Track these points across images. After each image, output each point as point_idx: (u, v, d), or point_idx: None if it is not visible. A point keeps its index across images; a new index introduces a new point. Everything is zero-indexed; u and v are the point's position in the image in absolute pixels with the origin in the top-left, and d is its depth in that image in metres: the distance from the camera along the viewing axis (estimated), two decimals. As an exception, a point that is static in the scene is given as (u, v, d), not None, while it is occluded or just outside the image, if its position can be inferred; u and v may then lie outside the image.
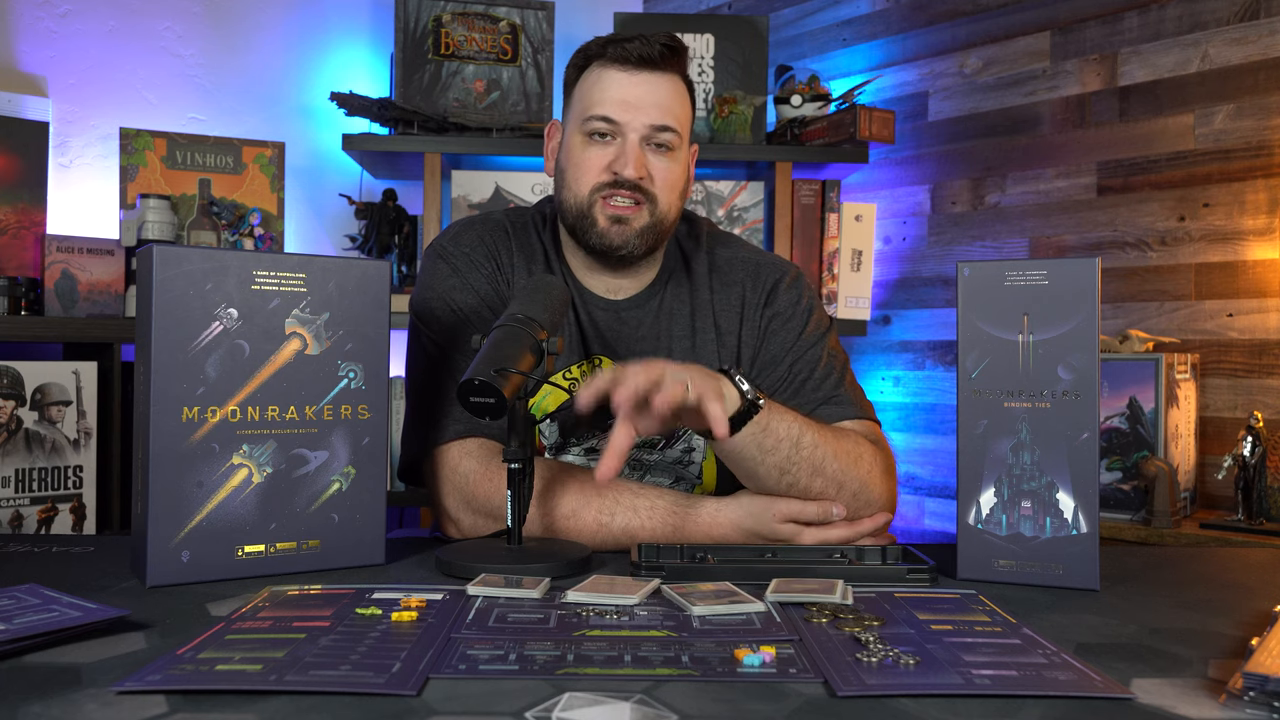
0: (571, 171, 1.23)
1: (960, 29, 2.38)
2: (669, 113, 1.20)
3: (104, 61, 2.24)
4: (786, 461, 1.05)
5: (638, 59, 1.19)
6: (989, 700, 0.61)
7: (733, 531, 1.08)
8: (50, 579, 0.86)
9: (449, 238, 1.27)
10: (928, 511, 2.45)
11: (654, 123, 1.19)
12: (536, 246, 1.29)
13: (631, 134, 1.19)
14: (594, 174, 1.21)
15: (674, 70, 1.22)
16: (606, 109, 1.19)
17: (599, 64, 1.22)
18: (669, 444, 1.26)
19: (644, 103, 1.19)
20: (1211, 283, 1.99)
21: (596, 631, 0.74)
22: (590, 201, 1.21)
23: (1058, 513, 0.92)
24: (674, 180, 1.23)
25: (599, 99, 1.20)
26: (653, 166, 1.20)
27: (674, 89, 1.21)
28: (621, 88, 1.19)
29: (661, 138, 1.20)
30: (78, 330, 1.86)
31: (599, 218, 1.21)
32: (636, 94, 1.19)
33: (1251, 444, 1.78)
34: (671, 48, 1.20)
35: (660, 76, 1.20)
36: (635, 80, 1.19)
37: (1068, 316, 0.92)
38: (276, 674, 0.63)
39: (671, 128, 1.20)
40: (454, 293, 1.22)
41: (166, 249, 0.89)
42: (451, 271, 1.24)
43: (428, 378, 1.20)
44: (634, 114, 1.19)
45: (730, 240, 1.38)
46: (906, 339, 2.49)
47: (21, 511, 1.75)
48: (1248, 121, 1.94)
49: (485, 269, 1.25)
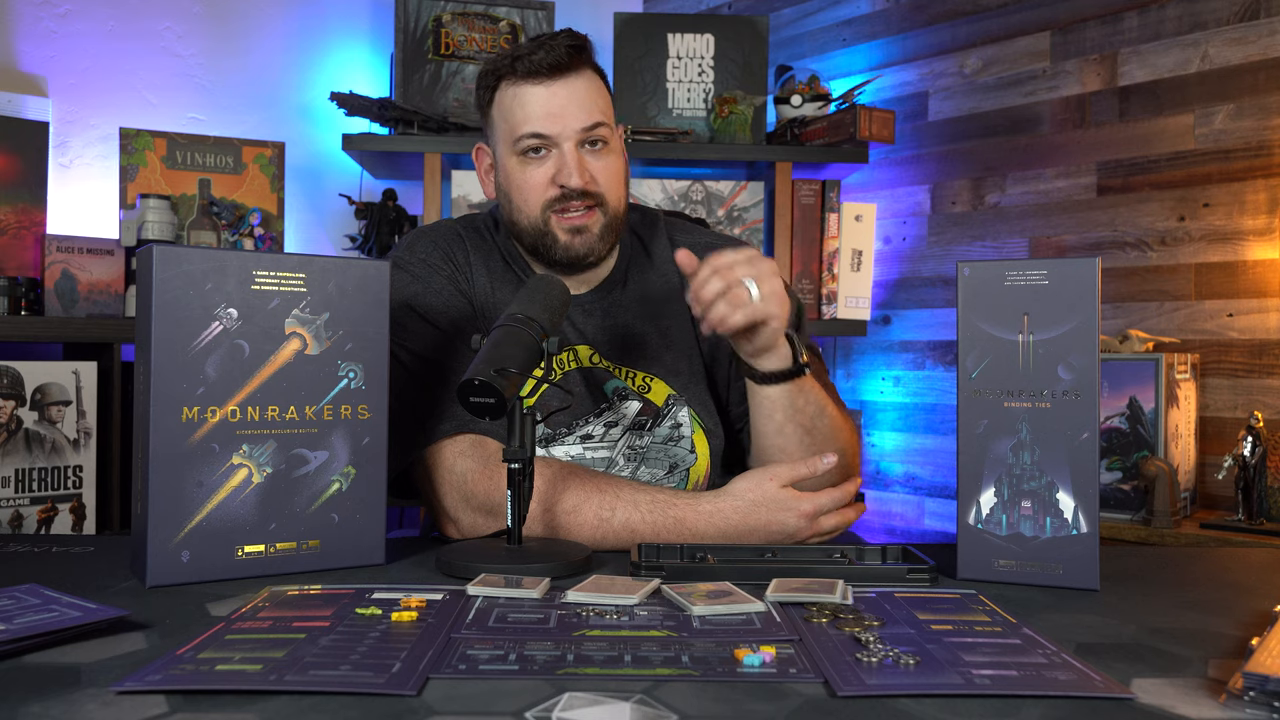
0: (516, 194, 1.24)
1: (960, 29, 2.38)
2: (594, 110, 1.21)
3: (104, 61, 2.24)
4: (811, 424, 1.17)
5: (549, 68, 1.19)
6: (989, 700, 0.61)
7: (735, 513, 1.08)
8: (50, 579, 0.86)
9: (403, 249, 1.29)
10: (928, 511, 2.45)
11: (583, 125, 1.20)
12: (493, 248, 1.31)
13: (565, 143, 1.20)
14: (540, 191, 1.22)
15: (584, 66, 1.22)
16: (534, 125, 1.20)
17: (509, 82, 1.22)
18: (657, 423, 1.27)
19: (568, 109, 1.19)
20: (1211, 283, 1.99)
21: (596, 631, 0.74)
22: (544, 219, 1.23)
23: (1058, 513, 0.92)
24: (616, 173, 1.25)
25: (523, 117, 1.20)
26: (593, 168, 1.22)
27: (590, 85, 1.22)
28: (542, 101, 1.20)
29: (595, 135, 1.21)
30: (78, 330, 1.86)
31: (558, 233, 1.22)
32: (558, 103, 1.19)
33: (1251, 444, 1.78)
34: (576, 46, 1.21)
35: (574, 78, 1.21)
36: (553, 90, 1.20)
37: (1068, 316, 0.92)
38: (276, 674, 0.63)
39: (600, 122, 1.21)
40: (417, 298, 1.23)
41: (166, 249, 0.89)
42: (411, 279, 1.24)
43: (407, 386, 1.20)
44: (562, 123, 1.19)
45: (690, 228, 1.42)
46: (906, 339, 2.49)
47: (21, 511, 1.75)
48: (1248, 121, 1.94)
49: (444, 270, 1.26)
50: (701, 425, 1.30)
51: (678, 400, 1.29)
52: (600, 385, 1.28)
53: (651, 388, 1.29)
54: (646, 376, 1.29)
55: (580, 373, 1.28)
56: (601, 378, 1.28)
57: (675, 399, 1.29)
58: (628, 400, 1.27)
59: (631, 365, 1.30)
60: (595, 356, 1.29)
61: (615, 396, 1.28)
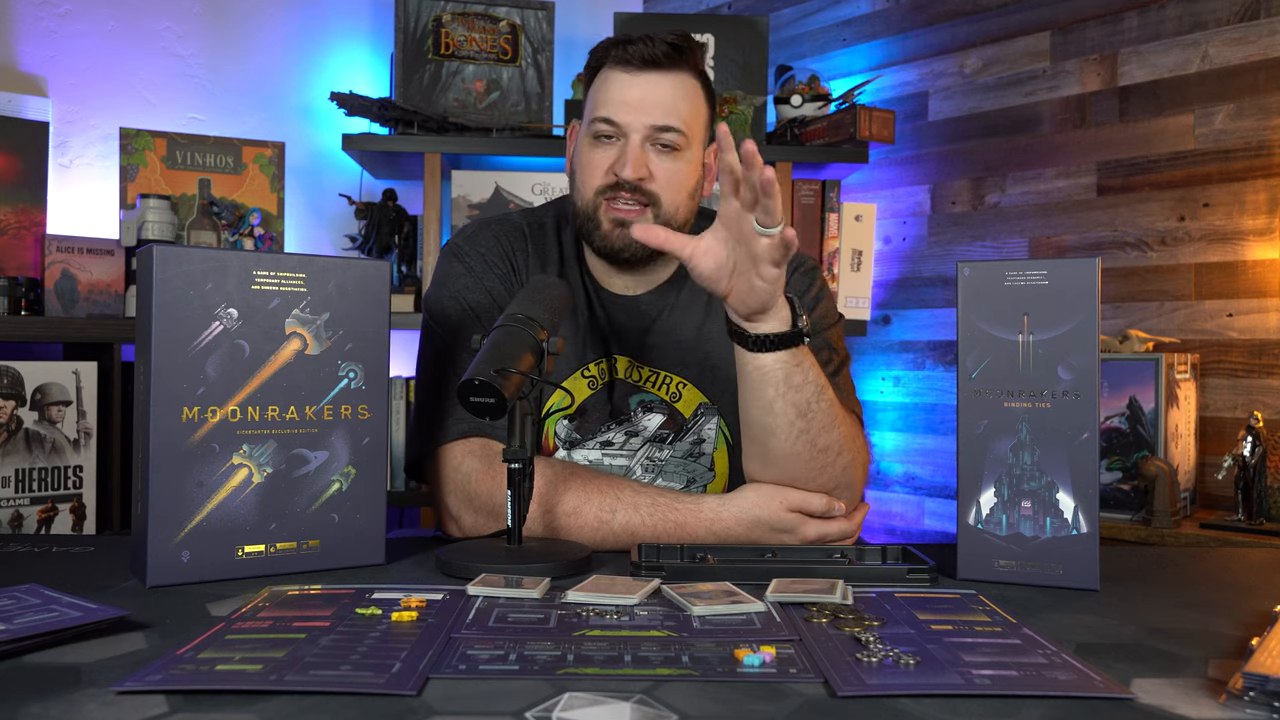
0: (579, 174, 1.25)
1: (960, 29, 2.38)
2: (672, 112, 1.20)
3: (104, 61, 2.24)
4: (807, 406, 1.06)
5: (640, 60, 1.19)
6: (989, 700, 0.61)
7: (736, 524, 1.08)
8: (50, 579, 0.86)
9: (465, 237, 1.28)
10: (928, 511, 2.45)
11: (655, 123, 1.19)
12: (553, 249, 1.30)
13: (633, 135, 1.19)
14: (598, 176, 1.21)
15: (681, 69, 1.21)
16: (609, 111, 1.20)
17: (606, 66, 1.22)
18: (679, 436, 1.27)
19: (645, 103, 1.19)
20: (1211, 283, 1.99)
21: (596, 631, 0.74)
22: (595, 204, 1.22)
23: (1058, 513, 0.92)
24: (680, 180, 1.22)
25: (603, 101, 1.21)
26: (655, 167, 1.20)
27: (678, 88, 1.21)
28: (623, 89, 1.20)
29: (665, 138, 1.20)
30: (78, 330, 1.86)
31: (603, 220, 1.21)
32: (637, 95, 1.19)
33: (1251, 444, 1.78)
34: (677, 46, 1.20)
35: (664, 76, 1.20)
36: (637, 81, 1.19)
37: (1068, 316, 0.92)
38: (276, 674, 0.63)
39: (674, 128, 1.20)
40: (467, 292, 1.23)
41: (166, 249, 0.89)
42: (465, 270, 1.24)
43: (435, 376, 1.21)
44: (635, 115, 1.19)
45: None
46: (906, 339, 2.49)
47: (21, 511, 1.75)
48: (1248, 121, 1.94)
49: (499, 270, 1.25)
50: (728, 440, 1.29)
51: (708, 410, 1.28)
52: (626, 398, 1.27)
53: (683, 395, 1.28)
54: (681, 383, 1.28)
55: (610, 386, 1.27)
56: (629, 390, 1.27)
57: (706, 409, 1.28)
58: (651, 413, 1.27)
59: (669, 369, 1.28)
60: (630, 370, 1.27)
61: (639, 409, 1.27)
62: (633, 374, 1.28)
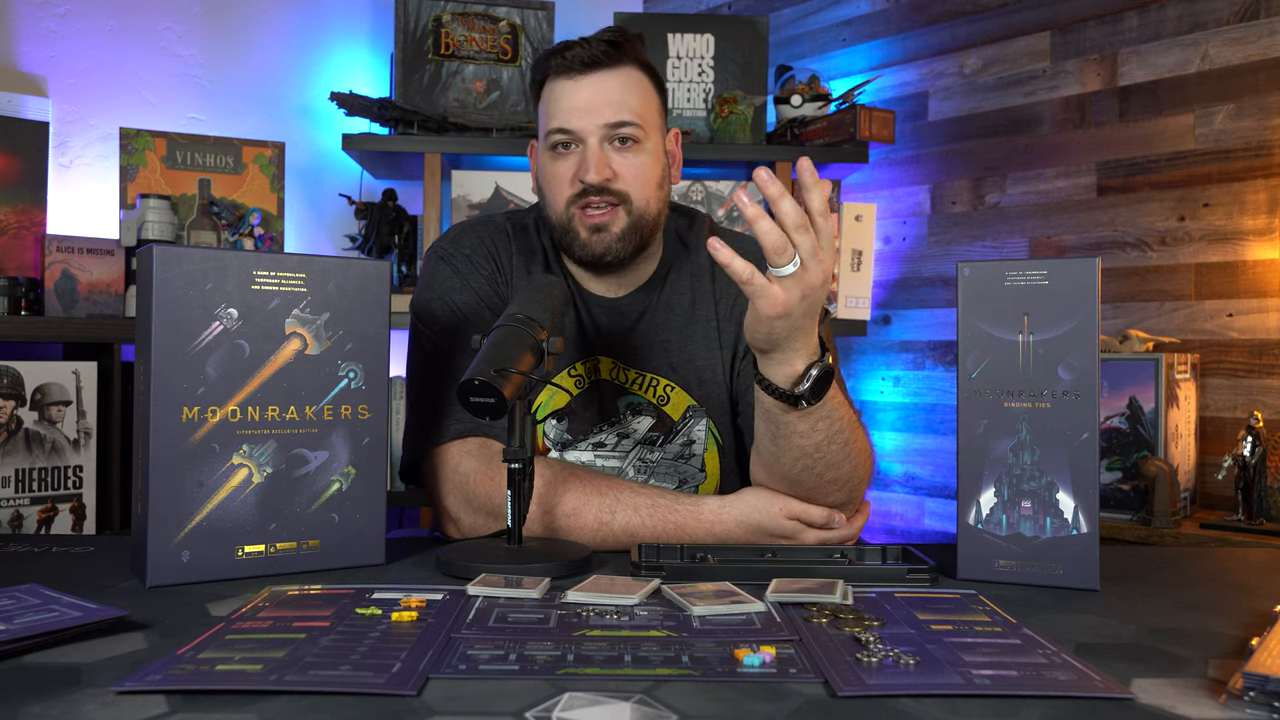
0: (546, 190, 1.25)
1: (960, 29, 2.38)
2: (623, 108, 1.20)
3: (104, 61, 2.24)
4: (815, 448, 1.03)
5: (581, 63, 1.19)
6: (989, 700, 0.61)
7: (736, 527, 1.08)
8: (50, 579, 0.86)
9: (449, 240, 1.28)
10: (928, 511, 2.45)
11: (608, 121, 1.19)
12: (537, 248, 1.30)
13: (590, 138, 1.19)
14: (564, 187, 1.21)
15: (624, 63, 1.21)
16: (561, 120, 1.20)
17: (550, 78, 1.22)
18: (669, 439, 1.27)
19: (595, 104, 1.19)
20: (1211, 283, 1.99)
21: (596, 631, 0.74)
22: (568, 216, 1.22)
23: (1058, 513, 0.92)
24: (645, 173, 1.22)
25: (554, 112, 1.21)
26: (618, 165, 1.20)
27: (625, 82, 1.21)
28: (571, 96, 1.20)
29: (622, 133, 1.20)
30: (78, 330, 1.86)
31: (579, 230, 1.22)
32: (585, 98, 1.19)
33: (1251, 444, 1.78)
34: (614, 43, 1.20)
35: (609, 74, 1.20)
36: (583, 85, 1.20)
37: (1068, 316, 0.92)
38: (276, 674, 0.63)
39: (629, 121, 1.20)
40: (454, 293, 1.23)
41: (166, 249, 0.89)
42: (452, 273, 1.24)
43: (428, 378, 1.21)
44: (587, 118, 1.19)
45: (738, 236, 1.39)
46: (906, 339, 2.49)
47: (21, 511, 1.75)
48: (1248, 121, 1.94)
49: (485, 270, 1.25)
50: (718, 441, 1.29)
51: (697, 412, 1.28)
52: (614, 400, 1.27)
53: (671, 398, 1.28)
54: (668, 386, 1.28)
55: (597, 386, 1.27)
56: (616, 392, 1.27)
57: (695, 410, 1.28)
58: (640, 416, 1.27)
59: (656, 372, 1.28)
60: (615, 370, 1.27)
61: (628, 412, 1.27)
62: (618, 375, 1.28)
